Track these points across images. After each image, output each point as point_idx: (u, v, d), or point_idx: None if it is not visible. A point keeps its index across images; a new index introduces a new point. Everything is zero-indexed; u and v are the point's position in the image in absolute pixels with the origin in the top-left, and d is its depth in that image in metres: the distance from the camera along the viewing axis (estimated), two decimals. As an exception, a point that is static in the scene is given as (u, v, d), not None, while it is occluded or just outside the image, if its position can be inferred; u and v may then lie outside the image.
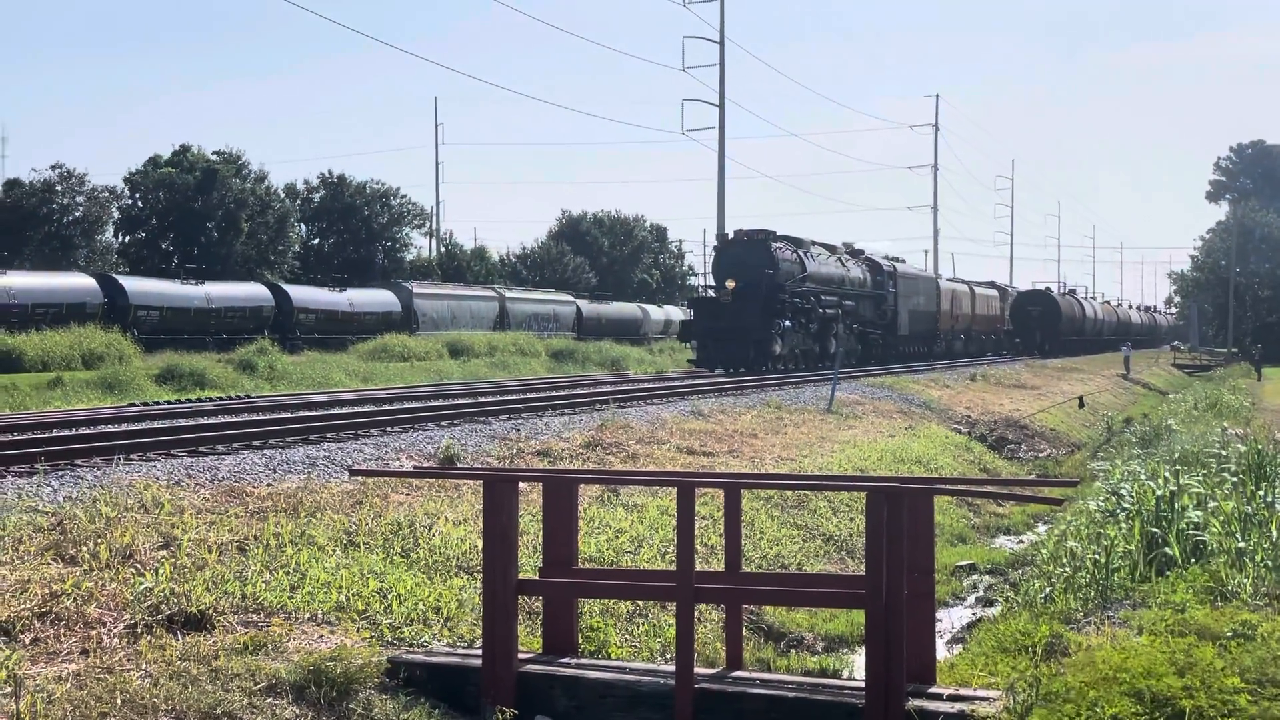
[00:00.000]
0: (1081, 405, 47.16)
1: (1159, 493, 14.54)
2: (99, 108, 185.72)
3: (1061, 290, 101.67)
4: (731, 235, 48.16)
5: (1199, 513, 14.03)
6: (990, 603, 15.99)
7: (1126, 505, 15.75)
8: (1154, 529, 13.72)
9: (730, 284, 44.90)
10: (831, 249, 53.79)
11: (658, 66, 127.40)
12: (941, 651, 11.65)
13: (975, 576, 18.16)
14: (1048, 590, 13.48)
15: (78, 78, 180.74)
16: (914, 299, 62.02)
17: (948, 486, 12.79)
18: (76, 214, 66.73)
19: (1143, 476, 17.77)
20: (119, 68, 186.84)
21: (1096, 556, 13.33)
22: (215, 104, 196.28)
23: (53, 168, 66.18)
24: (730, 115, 62.53)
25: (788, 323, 45.26)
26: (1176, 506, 14.07)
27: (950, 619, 15.24)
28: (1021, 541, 21.38)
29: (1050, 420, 40.79)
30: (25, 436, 18.62)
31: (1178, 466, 17.31)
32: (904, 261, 63.19)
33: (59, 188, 66.00)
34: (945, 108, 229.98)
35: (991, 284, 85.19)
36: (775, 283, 44.93)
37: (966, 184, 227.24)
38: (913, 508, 9.50)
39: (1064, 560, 14.44)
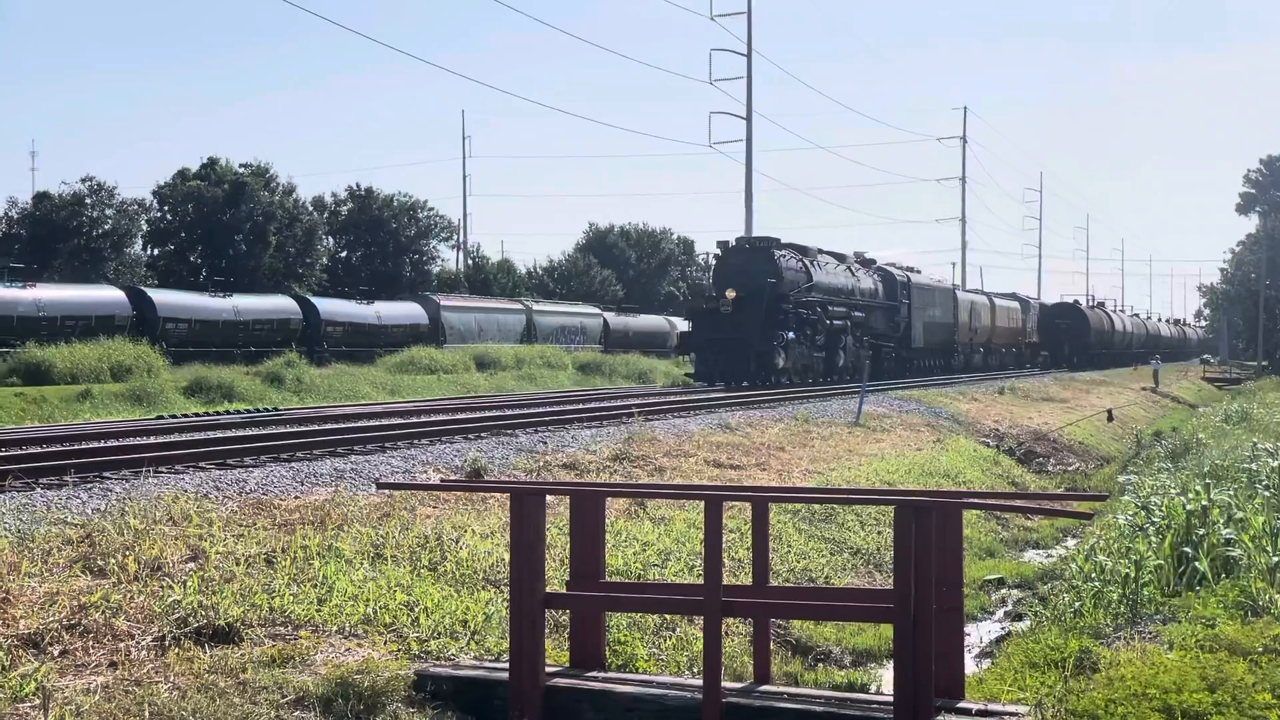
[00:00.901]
0: (1110, 419, 46.96)
1: (1190, 507, 14.46)
2: (128, 121, 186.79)
3: (1090, 303, 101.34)
4: (733, 242, 46.15)
5: (1230, 528, 13.95)
6: (1019, 617, 15.92)
7: (1156, 520, 15.66)
8: (1184, 544, 13.65)
9: (730, 293, 43.08)
10: (841, 258, 51.81)
11: (686, 80, 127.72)
12: (970, 666, 11.59)
13: (1004, 590, 18.09)
14: (1077, 605, 13.41)
15: (107, 91, 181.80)
16: (929, 310, 60.01)
17: (976, 500, 12.71)
18: (106, 227, 67.02)
19: (1173, 491, 17.68)
20: (148, 81, 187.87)
21: (1126, 571, 13.25)
22: (243, 117, 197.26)
23: (82, 181, 66.55)
24: (758, 128, 62.79)
25: (791, 334, 43.46)
26: (1207, 521, 13.99)
27: (978, 633, 15.18)
28: (1050, 556, 21.29)
29: (1079, 434, 40.63)
30: (54, 449, 18.69)
31: (1208, 480, 17.21)
32: (919, 272, 61.48)
33: (88, 201, 66.31)
34: (973, 120, 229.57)
35: (1013, 295, 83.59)
36: (779, 292, 43.22)
37: (994, 196, 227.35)
38: (941, 522, 9.46)
39: (1093, 575, 14.36)
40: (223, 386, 37.88)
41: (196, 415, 28.47)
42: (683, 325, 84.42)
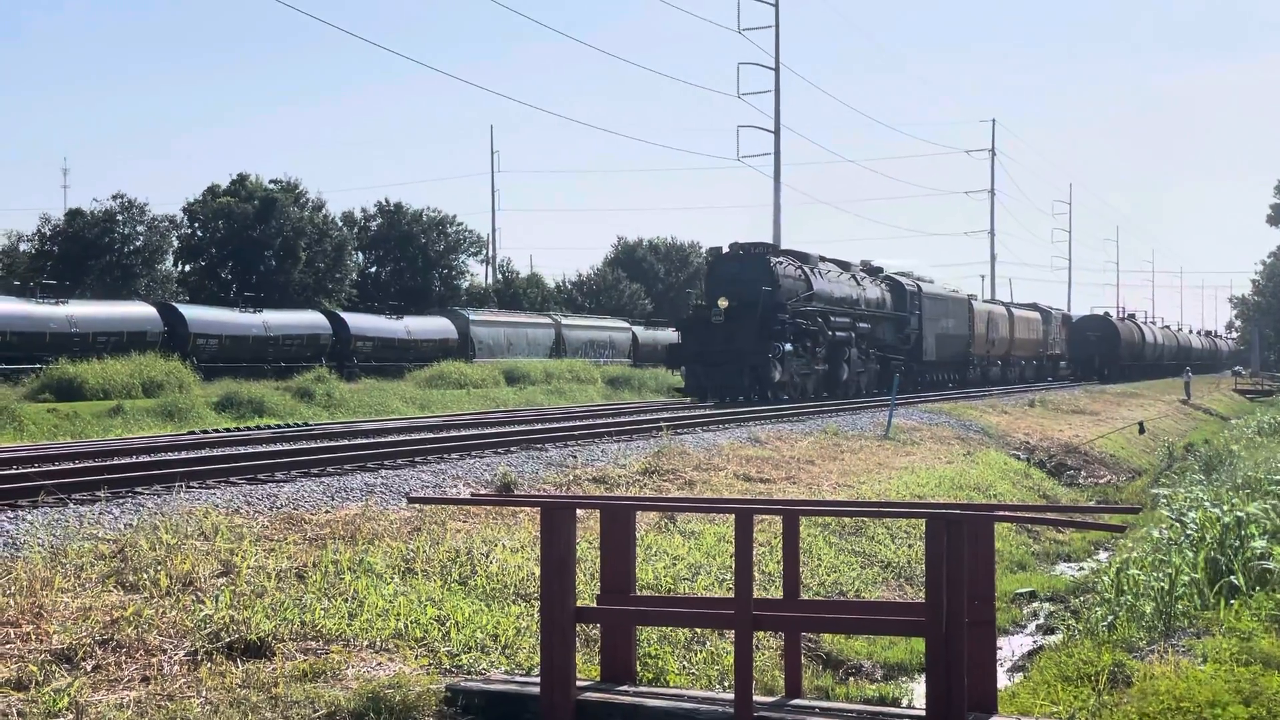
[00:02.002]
0: (1142, 431, 46.74)
1: (1224, 520, 14.38)
2: (159, 138, 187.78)
3: (1121, 315, 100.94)
4: (726, 248, 43.21)
5: (1265, 540, 13.87)
6: (1051, 630, 15.85)
7: (1190, 532, 15.58)
8: (1218, 556, 13.57)
9: (723, 302, 40.26)
10: (845, 266, 49.31)
11: (713, 93, 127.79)
12: (1002, 680, 11.54)
13: (1036, 604, 18.01)
14: (1110, 618, 13.34)
15: (138, 108, 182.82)
16: (942, 321, 57.23)
17: (1007, 513, 12.65)
18: (137, 243, 67.32)
19: (1206, 503, 17.58)
20: (178, 98, 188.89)
21: (1160, 584, 13.19)
22: (273, 133, 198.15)
23: (114, 198, 66.87)
24: (785, 141, 62.58)
25: (789, 346, 40.65)
26: (1242, 533, 13.91)
27: (1011, 647, 15.11)
28: (1082, 569, 21.19)
29: (1110, 446, 40.47)
30: (87, 464, 18.77)
31: (1242, 492, 17.12)
32: (931, 281, 58.73)
33: (120, 217, 66.64)
34: (1001, 132, 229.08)
35: (1033, 306, 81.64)
36: (775, 301, 40.54)
37: (1023, 209, 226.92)
38: (973, 534, 9.42)
39: (1126, 588, 14.29)
40: (253, 402, 38.03)
41: (227, 430, 28.57)
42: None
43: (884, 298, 51.11)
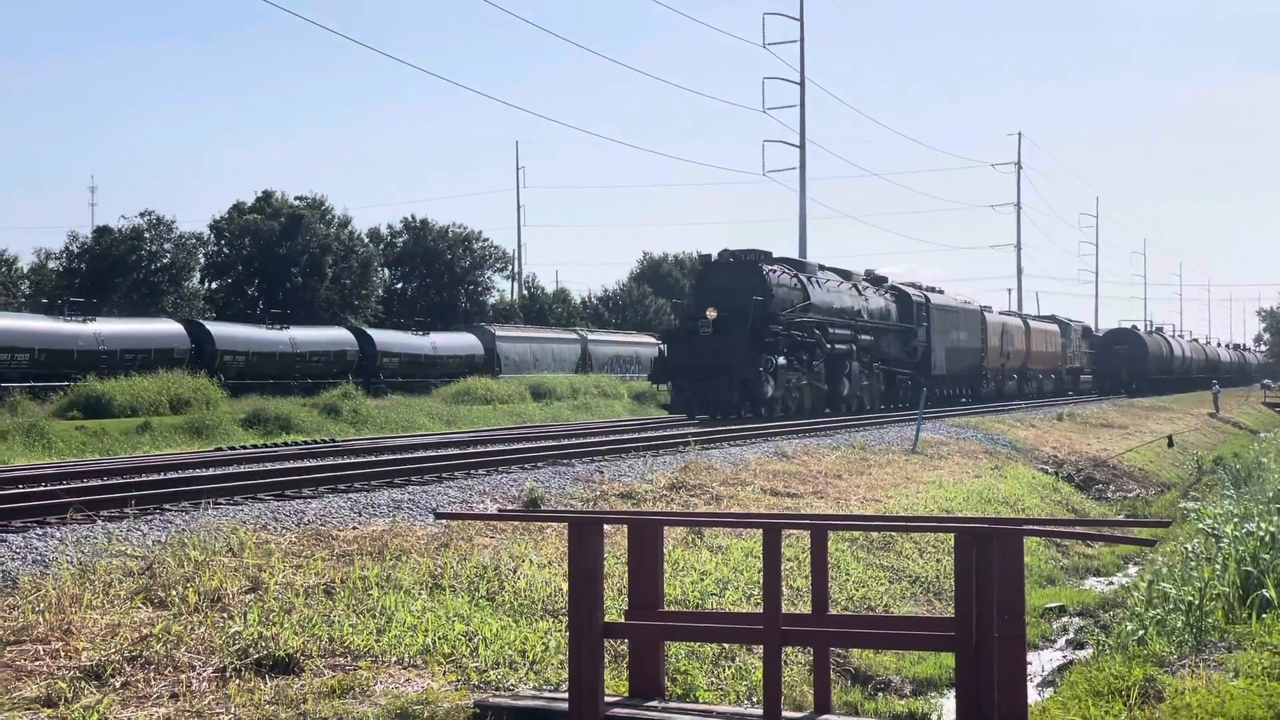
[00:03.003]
0: (1170, 444, 46.54)
1: (1259, 533, 14.29)
2: (185, 155, 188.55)
3: (1148, 328, 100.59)
4: (716, 256, 40.24)
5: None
6: (1081, 645, 15.77)
7: (1222, 546, 15.50)
8: (1250, 570, 13.48)
9: (711, 313, 37.57)
10: (846, 275, 46.76)
11: (739, 108, 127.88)
12: (1032, 695, 11.47)
13: (1065, 619, 17.92)
14: (1140, 632, 13.27)
15: (165, 126, 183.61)
16: (952, 334, 54.69)
17: (1036, 527, 12.60)
18: (164, 261, 67.65)
19: (1237, 517, 17.49)
20: (204, 115, 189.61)
21: (1190, 598, 13.11)
22: (298, 149, 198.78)
23: (141, 215, 67.22)
24: (811, 155, 62.49)
25: (781, 359, 38.10)
26: (1274, 547, 13.83)
27: (1040, 661, 15.03)
28: (1112, 583, 21.09)
29: (1138, 460, 40.30)
30: (115, 481, 18.82)
31: (1274, 506, 17.02)
32: (941, 291, 56.30)
33: (147, 235, 66.95)
34: (1027, 145, 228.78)
35: (1051, 318, 79.76)
36: (767, 311, 37.91)
37: (1050, 222, 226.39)
38: (1002, 549, 9.37)
39: (1156, 602, 14.21)
40: (280, 418, 38.13)
41: (254, 447, 28.63)
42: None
43: (889, 309, 48.82)
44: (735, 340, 37.15)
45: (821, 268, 44.84)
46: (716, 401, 37.83)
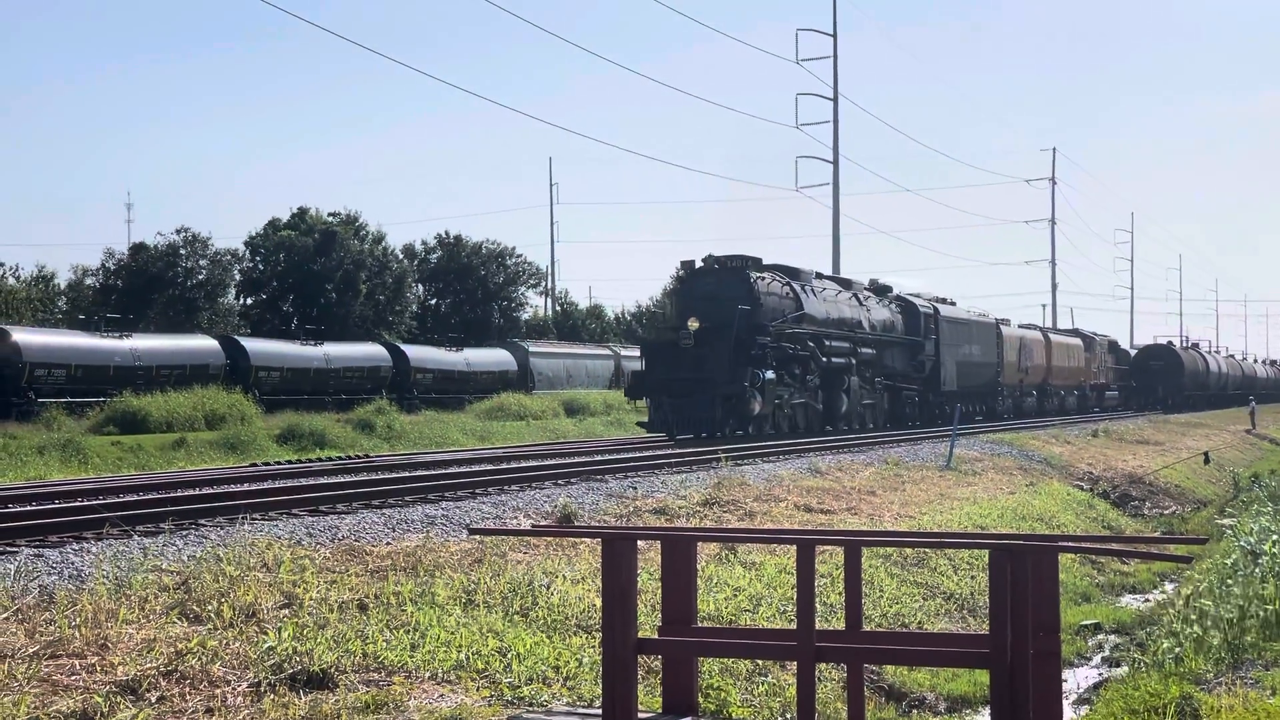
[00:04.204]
0: (1207, 461, 46.27)
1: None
2: (221, 172, 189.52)
3: (1184, 344, 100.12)
4: (700, 262, 36.93)
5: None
6: (1116, 663, 15.69)
7: (1260, 563, 15.40)
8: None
9: (693, 323, 34.61)
10: (846, 284, 44.07)
11: (772, 124, 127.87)
12: (1067, 712, 11.42)
13: (1100, 636, 17.84)
14: (1177, 650, 13.19)
15: (200, 142, 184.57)
16: (964, 348, 51.75)
17: (1071, 544, 12.54)
18: (200, 277, 68.03)
19: (1275, 534, 17.39)
20: (239, 132, 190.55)
21: (1228, 614, 13.03)
22: (333, 166, 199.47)
23: (177, 232, 67.64)
24: (844, 170, 62.42)
25: (770, 373, 35.10)
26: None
27: (1075, 679, 14.96)
28: (1148, 600, 20.98)
29: (1174, 476, 40.08)
30: (151, 496, 18.91)
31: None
32: (952, 303, 53.70)
33: (183, 251, 67.34)
34: (1061, 160, 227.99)
35: (1075, 331, 77.79)
36: (754, 322, 35.04)
37: (1084, 237, 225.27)
38: (1036, 566, 9.34)
39: (1193, 619, 14.13)
40: (314, 434, 38.27)
41: (289, 463, 28.72)
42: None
43: (893, 320, 45.97)
44: (718, 353, 34.31)
45: (819, 276, 42.36)
46: (698, 419, 35.07)
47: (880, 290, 47.17)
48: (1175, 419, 67.59)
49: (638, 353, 66.77)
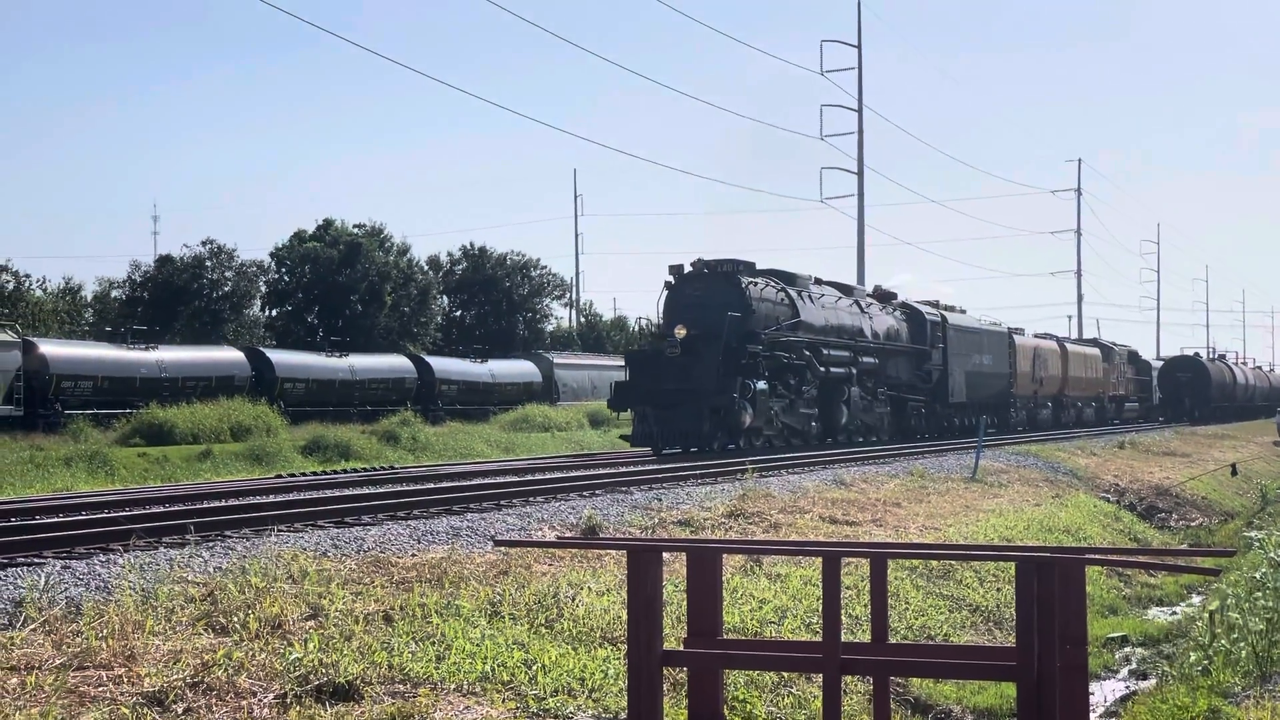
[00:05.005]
0: (1234, 473, 46.07)
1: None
2: (246, 184, 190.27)
3: (1211, 355, 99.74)
4: (689, 266, 34.96)
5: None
6: (1144, 676, 15.63)
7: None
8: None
9: (680, 331, 32.91)
10: (847, 290, 42.04)
11: (796, 135, 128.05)
12: (1095, 726, 11.38)
13: (1128, 649, 17.76)
14: (1204, 663, 13.13)
15: (226, 154, 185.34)
16: (974, 357, 49.96)
17: (1098, 556, 12.47)
18: (225, 289, 68.28)
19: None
20: (265, 144, 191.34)
21: (1256, 627, 12.96)
22: (357, 178, 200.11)
23: (203, 244, 67.90)
24: (869, 182, 62.33)
25: (762, 384, 33.52)
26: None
27: (1103, 692, 14.90)
28: (1175, 613, 20.89)
29: (1201, 488, 39.91)
30: (177, 508, 18.96)
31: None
32: (962, 311, 51.81)
33: (209, 263, 67.61)
34: (1087, 171, 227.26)
35: (1093, 341, 75.98)
36: (745, 329, 33.40)
37: (1110, 249, 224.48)
38: (1064, 578, 9.30)
39: (1221, 632, 14.06)
40: (339, 445, 38.36)
41: (314, 474, 28.78)
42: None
43: (897, 329, 44.13)
44: (707, 362, 32.54)
45: (818, 281, 40.50)
46: (685, 432, 33.00)
47: (884, 297, 45.69)
48: (1202, 431, 67.33)
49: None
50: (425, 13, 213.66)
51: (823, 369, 37.06)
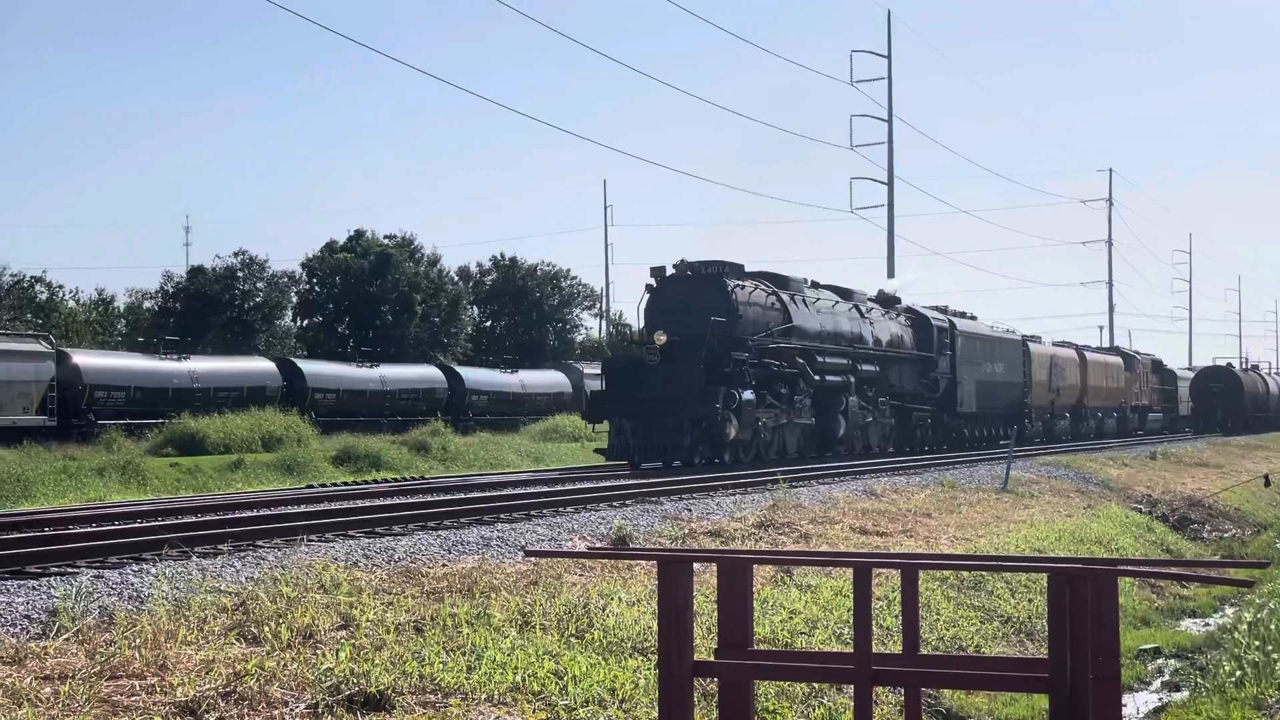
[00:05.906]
0: (1268, 484, 45.78)
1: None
2: (278, 194, 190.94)
3: (1244, 366, 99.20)
4: (672, 268, 32.72)
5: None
6: (1177, 687, 15.54)
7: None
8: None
9: (660, 338, 30.90)
10: (845, 294, 39.55)
11: (826, 145, 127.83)
12: (1128, 738, 11.33)
13: (1160, 660, 17.68)
14: (1238, 674, 13.07)
15: (258, 165, 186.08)
16: (985, 366, 47.78)
17: (1131, 567, 12.42)
18: (257, 299, 68.57)
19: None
20: (297, 155, 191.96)
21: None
22: (389, 189, 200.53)
23: (235, 255, 68.21)
24: (898, 192, 62.23)
25: (748, 394, 31.26)
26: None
27: (1135, 704, 14.82)
28: (1208, 624, 20.78)
29: (1234, 499, 39.68)
30: (209, 518, 19.03)
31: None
32: (973, 318, 49.76)
33: (240, 274, 67.91)
34: (1118, 180, 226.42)
35: (1115, 349, 74.69)
36: (731, 335, 31.29)
37: (1141, 259, 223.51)
38: (1096, 589, 9.27)
39: (1255, 643, 13.99)
40: (370, 455, 38.46)
41: (345, 484, 28.86)
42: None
43: (901, 335, 41.95)
44: (688, 370, 30.49)
45: (814, 285, 38.29)
46: (664, 446, 31.01)
47: (887, 301, 43.34)
48: (1235, 441, 66.99)
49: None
50: (453, 24, 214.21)
51: (817, 377, 35.13)
